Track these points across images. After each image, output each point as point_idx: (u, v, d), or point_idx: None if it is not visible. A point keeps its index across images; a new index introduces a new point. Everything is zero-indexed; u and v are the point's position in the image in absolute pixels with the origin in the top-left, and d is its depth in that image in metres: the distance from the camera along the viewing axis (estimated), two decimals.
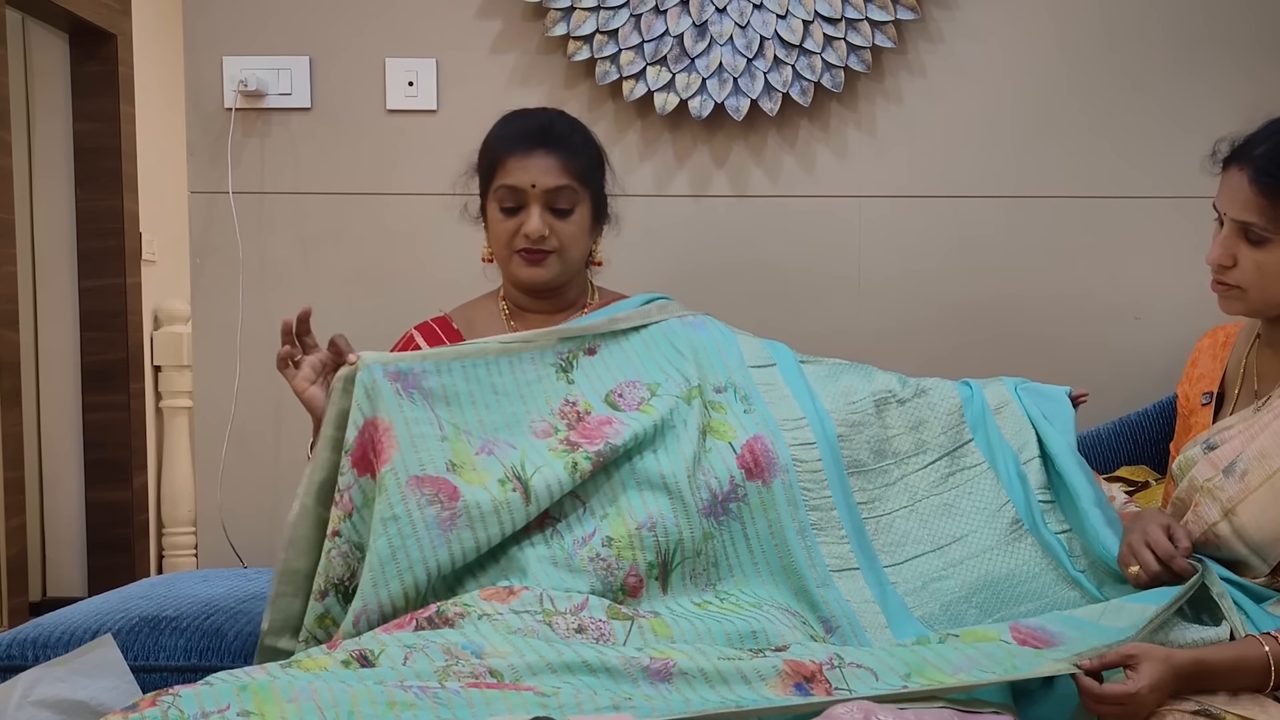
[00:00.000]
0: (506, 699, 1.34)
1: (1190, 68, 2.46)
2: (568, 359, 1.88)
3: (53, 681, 1.59)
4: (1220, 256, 1.70)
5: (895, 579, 1.81)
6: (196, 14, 2.47)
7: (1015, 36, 2.46)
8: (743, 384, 1.91)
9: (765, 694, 1.42)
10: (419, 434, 1.70)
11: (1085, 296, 2.48)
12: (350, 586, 1.68)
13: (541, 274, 1.96)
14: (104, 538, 4.11)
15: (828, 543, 1.81)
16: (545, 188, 1.92)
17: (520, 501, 1.70)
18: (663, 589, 1.73)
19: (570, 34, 2.40)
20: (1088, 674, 1.41)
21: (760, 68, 2.40)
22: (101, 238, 4.07)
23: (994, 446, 1.92)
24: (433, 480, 1.69)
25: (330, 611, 1.68)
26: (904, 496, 1.90)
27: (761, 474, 1.80)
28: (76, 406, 4.10)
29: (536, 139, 1.94)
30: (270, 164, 2.48)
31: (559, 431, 1.79)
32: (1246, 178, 1.65)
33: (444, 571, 1.68)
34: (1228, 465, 1.68)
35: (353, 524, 1.67)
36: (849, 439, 1.90)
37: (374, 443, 1.68)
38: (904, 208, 2.49)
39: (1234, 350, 1.88)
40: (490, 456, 1.73)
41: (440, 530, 1.67)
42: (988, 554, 1.83)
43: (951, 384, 1.99)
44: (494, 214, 1.96)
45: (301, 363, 1.79)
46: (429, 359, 1.76)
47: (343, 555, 1.67)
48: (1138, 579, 1.66)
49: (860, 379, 1.98)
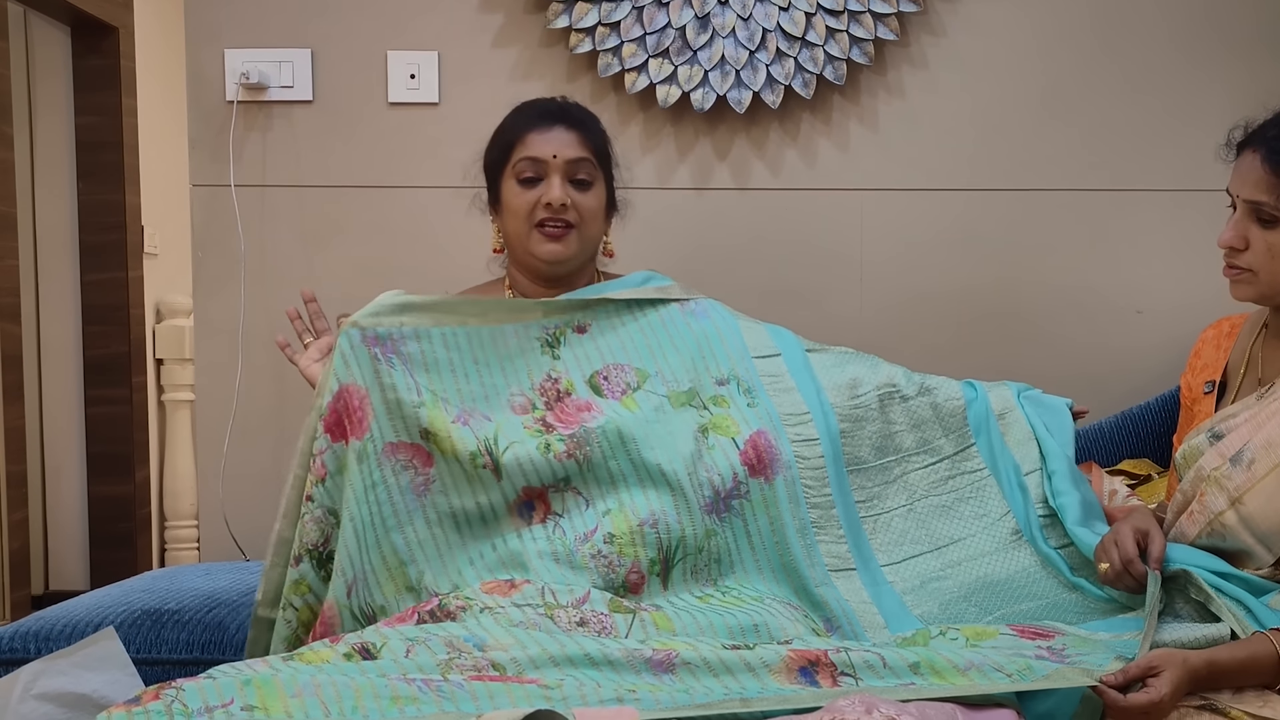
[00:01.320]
0: (510, 692, 1.34)
1: (1193, 61, 2.45)
2: (555, 334, 1.87)
3: (55, 675, 1.59)
4: (1232, 239, 1.71)
5: (893, 578, 1.81)
6: (198, 7, 2.47)
7: (1017, 29, 2.46)
8: (746, 376, 1.90)
9: (769, 682, 1.41)
10: (394, 400, 1.70)
11: (1087, 290, 2.48)
12: (324, 552, 1.69)
13: (561, 250, 1.91)
14: (106, 531, 4.11)
15: (826, 541, 1.81)
16: (566, 158, 1.90)
17: (491, 478, 1.71)
18: (664, 585, 1.73)
19: (572, 26, 2.39)
20: (1112, 688, 1.41)
21: (762, 60, 2.40)
22: (103, 231, 4.07)
23: (996, 454, 1.92)
24: (407, 446, 1.71)
25: (305, 578, 1.69)
26: (902, 495, 1.89)
27: (764, 470, 1.80)
28: (78, 400, 4.11)
29: (557, 116, 1.94)
30: (272, 157, 2.48)
31: (536, 409, 1.79)
32: (1259, 158, 1.67)
33: (422, 539, 1.70)
34: (1234, 454, 1.68)
35: (325, 489, 1.68)
36: (851, 435, 1.89)
37: (349, 410, 1.68)
38: (906, 201, 2.48)
39: (1239, 340, 1.88)
40: (465, 427, 1.73)
41: (415, 496, 1.70)
42: (987, 558, 1.83)
43: (956, 384, 1.98)
44: (512, 189, 1.91)
45: (309, 344, 1.83)
46: (407, 325, 1.75)
47: (316, 520, 1.68)
48: (1105, 576, 1.68)
49: (867, 369, 1.97)
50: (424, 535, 1.71)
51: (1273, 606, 1.60)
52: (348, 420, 1.68)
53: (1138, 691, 1.40)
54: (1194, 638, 1.53)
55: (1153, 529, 1.68)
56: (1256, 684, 1.48)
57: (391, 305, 1.76)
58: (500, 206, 1.96)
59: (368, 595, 1.68)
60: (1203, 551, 1.70)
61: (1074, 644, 1.53)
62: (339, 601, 1.66)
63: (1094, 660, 1.47)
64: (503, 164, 1.94)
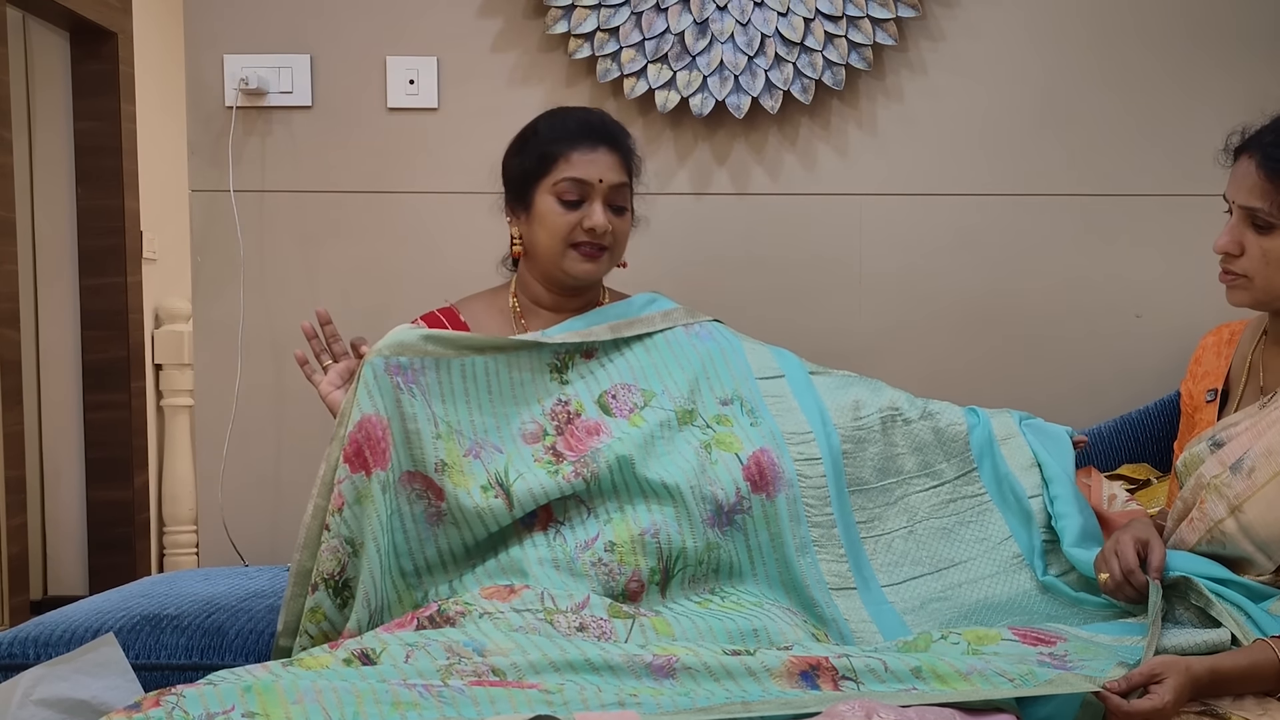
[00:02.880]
0: (511, 697, 1.34)
1: (1191, 66, 2.45)
2: (564, 359, 1.88)
3: (55, 680, 1.59)
4: (1228, 244, 1.71)
5: (893, 598, 1.82)
6: (197, 12, 2.47)
7: (1016, 34, 2.46)
8: (749, 396, 1.92)
9: (770, 686, 1.41)
10: (414, 430, 1.72)
11: (1087, 294, 2.48)
12: (340, 581, 1.69)
13: (594, 270, 1.94)
14: (105, 536, 4.11)
15: (827, 560, 1.82)
16: (610, 184, 1.92)
17: (503, 507, 1.73)
18: (662, 594, 1.74)
19: (571, 31, 2.39)
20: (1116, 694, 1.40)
21: (761, 65, 2.40)
22: (102, 236, 4.07)
23: (999, 479, 1.92)
24: (422, 477, 1.73)
25: (321, 605, 1.69)
26: (903, 517, 1.90)
27: (766, 487, 1.81)
28: (77, 405, 4.10)
29: (600, 135, 1.94)
30: (271, 162, 2.48)
31: (547, 436, 1.81)
32: (1255, 164, 1.67)
33: (431, 564, 1.73)
34: (1235, 462, 1.68)
35: (343, 518, 1.68)
36: (854, 455, 1.90)
37: (371, 440, 1.68)
38: (905, 205, 2.49)
39: (1239, 347, 1.88)
40: (476, 460, 1.75)
41: (428, 525, 1.73)
42: (987, 581, 1.84)
43: (959, 410, 1.99)
44: (549, 206, 1.90)
45: (329, 368, 1.82)
46: (429, 356, 1.77)
47: (332, 550, 1.68)
48: (1105, 586, 1.67)
49: (870, 392, 1.97)
50: (434, 562, 1.74)
51: (1273, 612, 1.61)
52: (369, 451, 1.68)
53: (1141, 698, 1.40)
54: (1195, 643, 1.53)
55: (1152, 538, 1.68)
56: (1258, 691, 1.48)
57: (414, 336, 1.76)
58: (530, 215, 1.94)
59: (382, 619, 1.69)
60: (1203, 558, 1.70)
61: (1076, 649, 1.53)
62: (362, 630, 1.66)
63: (1097, 666, 1.47)
64: (539, 175, 1.92)
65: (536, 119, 1.99)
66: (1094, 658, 1.50)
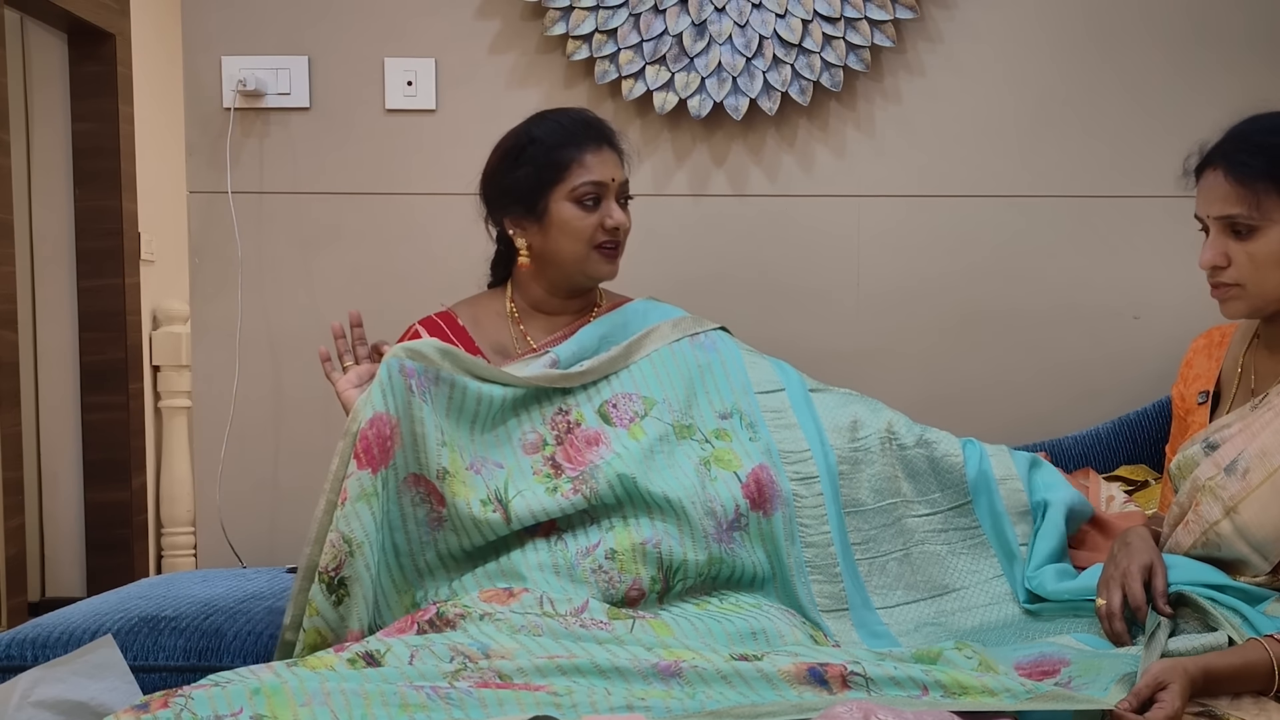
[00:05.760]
0: (519, 699, 1.35)
1: (1188, 67, 2.46)
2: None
3: (53, 682, 1.59)
4: (1213, 258, 1.71)
5: (888, 620, 1.83)
6: (195, 14, 2.47)
7: (1014, 36, 2.46)
8: (749, 411, 1.92)
9: (779, 683, 1.41)
10: (421, 434, 1.71)
11: (1084, 296, 2.48)
12: (336, 578, 1.68)
13: (614, 269, 1.97)
14: (103, 538, 4.10)
15: (819, 581, 1.83)
16: (620, 181, 1.95)
17: (501, 522, 1.73)
18: (660, 603, 1.74)
19: (569, 33, 2.39)
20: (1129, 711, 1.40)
21: (759, 67, 2.40)
22: (100, 238, 4.07)
23: (996, 518, 1.91)
24: (426, 482, 1.72)
25: (314, 599, 1.68)
26: (899, 540, 1.91)
27: (764, 505, 1.82)
28: (75, 407, 4.10)
29: (602, 134, 1.96)
30: (269, 164, 2.48)
31: (547, 446, 1.81)
32: (1222, 174, 1.69)
33: (432, 567, 1.74)
34: (1229, 464, 1.68)
35: (344, 514, 1.67)
36: (850, 476, 1.90)
37: (380, 438, 1.68)
38: (902, 207, 2.49)
39: (1230, 349, 1.88)
40: (477, 475, 1.75)
41: (429, 529, 1.73)
42: (981, 610, 1.85)
43: (955, 441, 1.97)
44: (570, 212, 1.90)
45: (349, 369, 1.82)
46: (445, 371, 1.76)
47: (331, 544, 1.68)
48: (1100, 611, 1.67)
49: (868, 412, 1.97)
50: (434, 564, 1.75)
51: (1269, 614, 1.61)
52: (377, 448, 1.68)
53: (1153, 710, 1.39)
54: (1193, 647, 1.53)
55: (1156, 561, 1.68)
56: (1252, 690, 1.48)
57: (434, 348, 1.76)
58: (546, 224, 1.93)
59: (378, 618, 1.70)
60: (1199, 562, 1.70)
61: (1080, 672, 1.51)
62: (364, 629, 1.66)
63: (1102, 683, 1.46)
64: (554, 182, 1.91)
65: (525, 127, 1.97)
66: (1098, 676, 1.49)
